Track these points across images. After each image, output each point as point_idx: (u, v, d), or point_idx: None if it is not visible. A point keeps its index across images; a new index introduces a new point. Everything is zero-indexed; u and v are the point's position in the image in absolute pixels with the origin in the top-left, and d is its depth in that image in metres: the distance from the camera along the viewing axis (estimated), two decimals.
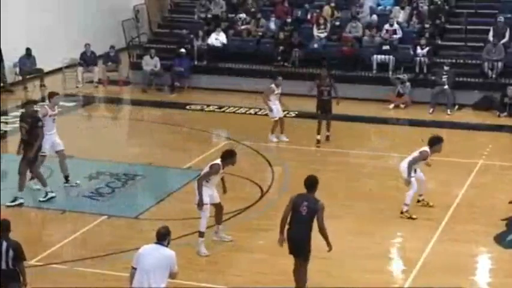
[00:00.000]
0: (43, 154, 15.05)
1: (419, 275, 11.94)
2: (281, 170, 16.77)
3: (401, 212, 14.07)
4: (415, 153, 14.12)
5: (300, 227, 10.62)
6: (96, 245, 12.97)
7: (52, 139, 15.33)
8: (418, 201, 14.58)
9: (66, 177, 15.68)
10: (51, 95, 15.68)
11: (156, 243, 9.45)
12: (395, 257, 13.06)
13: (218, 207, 13.01)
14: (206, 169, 12.57)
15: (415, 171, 14.06)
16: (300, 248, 10.72)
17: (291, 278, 11.14)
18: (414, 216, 14.00)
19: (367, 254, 12.72)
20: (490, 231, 13.44)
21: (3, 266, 9.61)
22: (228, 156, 12.58)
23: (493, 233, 13.36)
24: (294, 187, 15.71)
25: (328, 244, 10.66)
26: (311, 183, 10.80)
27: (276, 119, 18.34)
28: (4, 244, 9.62)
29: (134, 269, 9.37)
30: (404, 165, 14.08)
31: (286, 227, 10.73)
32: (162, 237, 9.48)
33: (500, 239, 13.19)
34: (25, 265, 9.84)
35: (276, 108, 18.31)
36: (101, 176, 16.38)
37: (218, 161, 12.56)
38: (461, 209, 14.55)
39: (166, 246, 9.45)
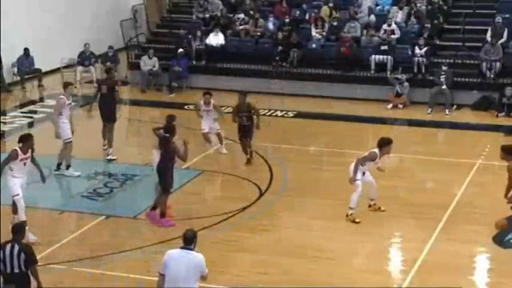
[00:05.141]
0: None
1: (418, 275, 11.93)
2: (280, 170, 16.73)
3: (347, 215, 13.80)
4: (365, 153, 13.95)
5: None
6: (95, 245, 12.94)
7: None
8: (370, 206, 14.31)
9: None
10: None
11: (183, 247, 9.20)
12: (394, 257, 13.04)
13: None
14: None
15: (363, 173, 13.79)
16: None
17: (292, 278, 11.16)
18: (357, 220, 13.73)
19: (367, 254, 12.74)
20: (489, 231, 13.43)
21: (16, 270, 9.60)
22: (25, 140, 12.83)
23: (492, 233, 13.36)
24: (293, 187, 15.79)
25: None
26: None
27: (205, 131, 17.89)
28: (16, 247, 9.62)
29: (162, 275, 9.15)
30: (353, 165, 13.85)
31: None
32: (189, 241, 9.22)
33: (499, 239, 13.18)
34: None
35: (204, 123, 17.88)
36: (99, 176, 16.37)
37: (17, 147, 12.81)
38: (460, 209, 14.54)
39: (193, 249, 9.20)
